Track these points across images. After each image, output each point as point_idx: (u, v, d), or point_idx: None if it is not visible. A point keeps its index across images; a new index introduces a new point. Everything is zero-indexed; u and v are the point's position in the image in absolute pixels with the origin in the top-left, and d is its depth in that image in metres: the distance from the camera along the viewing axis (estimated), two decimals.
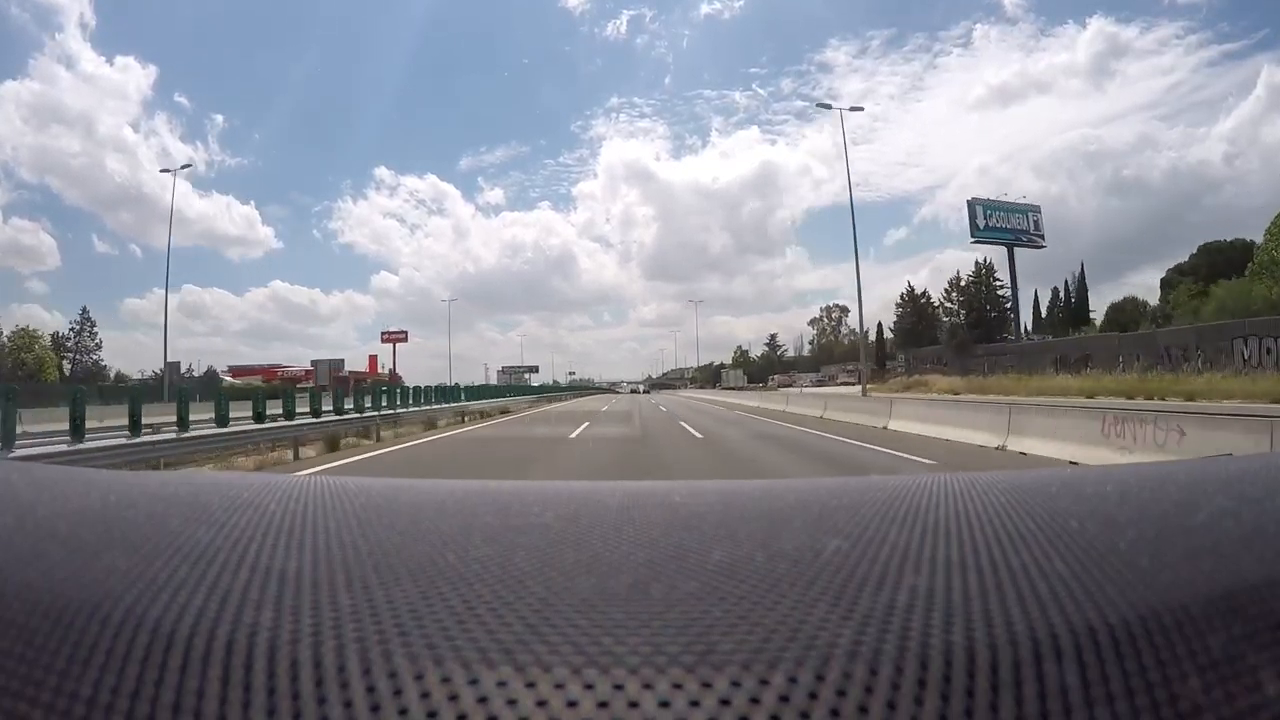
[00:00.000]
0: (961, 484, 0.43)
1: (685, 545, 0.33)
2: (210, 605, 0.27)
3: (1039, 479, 0.46)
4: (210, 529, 0.34)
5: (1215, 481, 0.46)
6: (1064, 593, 0.27)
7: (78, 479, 0.49)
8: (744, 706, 0.22)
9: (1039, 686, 0.23)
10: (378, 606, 0.27)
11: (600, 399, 46.99)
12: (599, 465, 8.45)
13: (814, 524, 0.36)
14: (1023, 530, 0.33)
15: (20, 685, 0.24)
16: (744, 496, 0.44)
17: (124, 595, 0.27)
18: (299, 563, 0.31)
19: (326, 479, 0.48)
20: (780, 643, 0.24)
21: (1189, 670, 0.24)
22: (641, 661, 0.24)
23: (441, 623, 0.26)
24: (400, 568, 0.30)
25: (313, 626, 0.25)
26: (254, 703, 0.23)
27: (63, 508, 0.41)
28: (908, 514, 0.37)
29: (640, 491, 0.46)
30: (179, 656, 0.24)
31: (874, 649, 0.24)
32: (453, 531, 0.36)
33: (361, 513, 0.38)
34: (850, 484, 0.48)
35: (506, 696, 0.23)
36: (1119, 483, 0.46)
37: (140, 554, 0.32)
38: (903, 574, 0.29)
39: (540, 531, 0.36)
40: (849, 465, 8.37)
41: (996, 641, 0.24)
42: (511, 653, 0.24)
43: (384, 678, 0.23)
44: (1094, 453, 7.21)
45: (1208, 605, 0.26)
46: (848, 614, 0.26)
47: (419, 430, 14.42)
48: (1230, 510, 0.37)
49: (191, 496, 0.44)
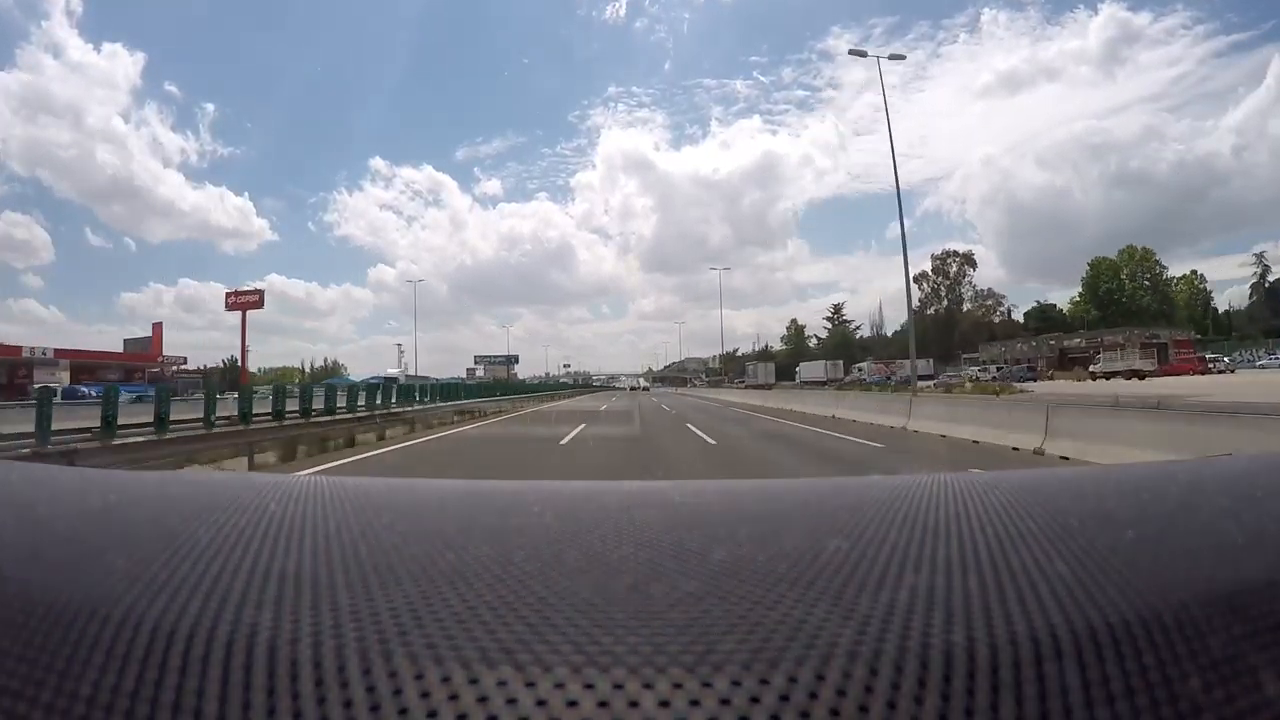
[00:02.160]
0: (961, 484, 0.43)
1: (685, 545, 0.33)
2: (210, 605, 0.27)
3: (1039, 479, 0.46)
4: (210, 529, 0.34)
5: (1216, 481, 0.46)
6: (1064, 593, 0.27)
7: (78, 479, 0.49)
8: (744, 706, 0.22)
9: (1039, 686, 0.23)
10: (377, 606, 0.27)
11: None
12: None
13: (814, 524, 0.36)
14: (1023, 530, 0.33)
15: (20, 685, 0.24)
16: (744, 496, 0.44)
17: (124, 595, 0.27)
18: (299, 563, 0.31)
19: (326, 479, 0.48)
20: (780, 643, 0.24)
21: (1189, 670, 0.24)
22: (641, 661, 0.24)
23: (441, 623, 0.26)
24: (400, 568, 0.30)
25: (313, 626, 0.25)
26: (254, 703, 0.23)
27: (63, 508, 0.41)
28: (908, 514, 0.37)
29: (640, 491, 0.46)
30: (179, 656, 0.24)
31: (874, 649, 0.24)
32: (453, 531, 0.36)
33: (361, 513, 0.38)
34: (850, 484, 0.48)
35: (506, 696, 0.23)
36: (1119, 482, 0.46)
37: (140, 554, 0.32)
38: (903, 574, 0.29)
39: (540, 531, 0.36)
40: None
41: (997, 641, 0.24)
42: (511, 653, 0.24)
43: (384, 678, 0.23)
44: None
45: (1208, 605, 0.26)
46: (848, 614, 0.26)
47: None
48: (1231, 510, 0.37)
49: (191, 496, 0.44)
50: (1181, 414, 7.73)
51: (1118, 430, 7.92)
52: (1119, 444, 7.48)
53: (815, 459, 9.02)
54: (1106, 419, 8.50)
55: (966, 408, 11.51)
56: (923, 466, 8.88)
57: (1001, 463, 9.26)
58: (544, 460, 8.91)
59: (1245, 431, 6.31)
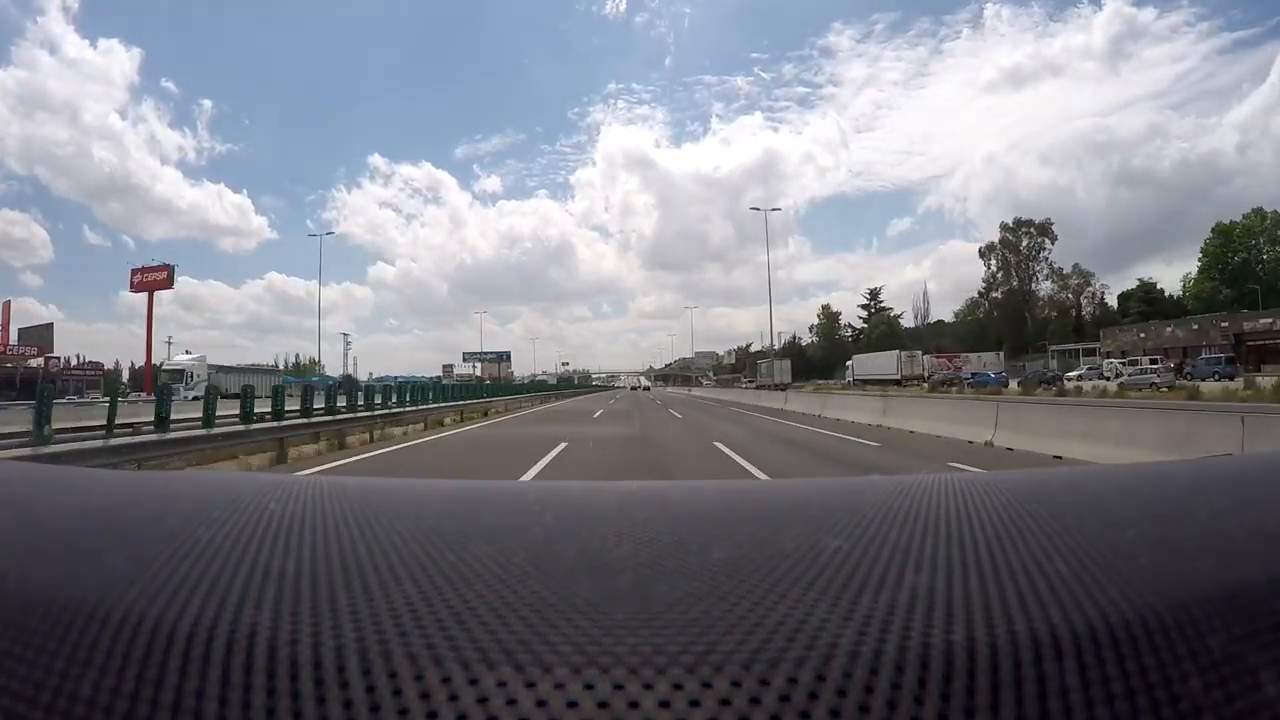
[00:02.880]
0: (962, 484, 0.43)
1: (685, 545, 0.33)
2: (210, 605, 0.27)
3: (1039, 479, 0.46)
4: (210, 529, 0.34)
5: (1216, 481, 0.46)
6: (1064, 593, 0.27)
7: (78, 479, 0.49)
8: (744, 706, 0.22)
9: (1039, 686, 0.23)
10: (377, 606, 0.27)
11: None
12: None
13: (814, 524, 0.36)
14: (1023, 530, 0.33)
15: (20, 685, 0.24)
16: (744, 496, 0.44)
17: (124, 595, 0.27)
18: (299, 563, 0.31)
19: (326, 479, 0.48)
20: (780, 643, 0.24)
21: (1189, 670, 0.24)
22: (641, 661, 0.24)
23: (441, 623, 0.26)
24: (400, 568, 0.30)
25: (312, 626, 0.25)
26: (254, 703, 0.23)
27: (63, 508, 0.41)
28: (908, 514, 0.37)
29: (640, 491, 0.46)
30: (179, 656, 0.24)
31: (874, 649, 0.24)
32: (453, 531, 0.36)
33: (361, 513, 0.38)
34: (850, 484, 0.48)
35: (506, 696, 0.23)
36: (1119, 482, 0.46)
37: (140, 554, 0.32)
38: (903, 574, 0.29)
39: (540, 531, 0.36)
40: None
41: (997, 641, 0.24)
42: (511, 653, 0.24)
43: (384, 678, 0.23)
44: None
45: (1208, 605, 0.26)
46: (848, 614, 0.26)
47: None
48: (1230, 510, 0.37)
49: (191, 496, 0.44)
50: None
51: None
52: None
53: None
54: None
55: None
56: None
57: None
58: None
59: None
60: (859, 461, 9.10)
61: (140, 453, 6.81)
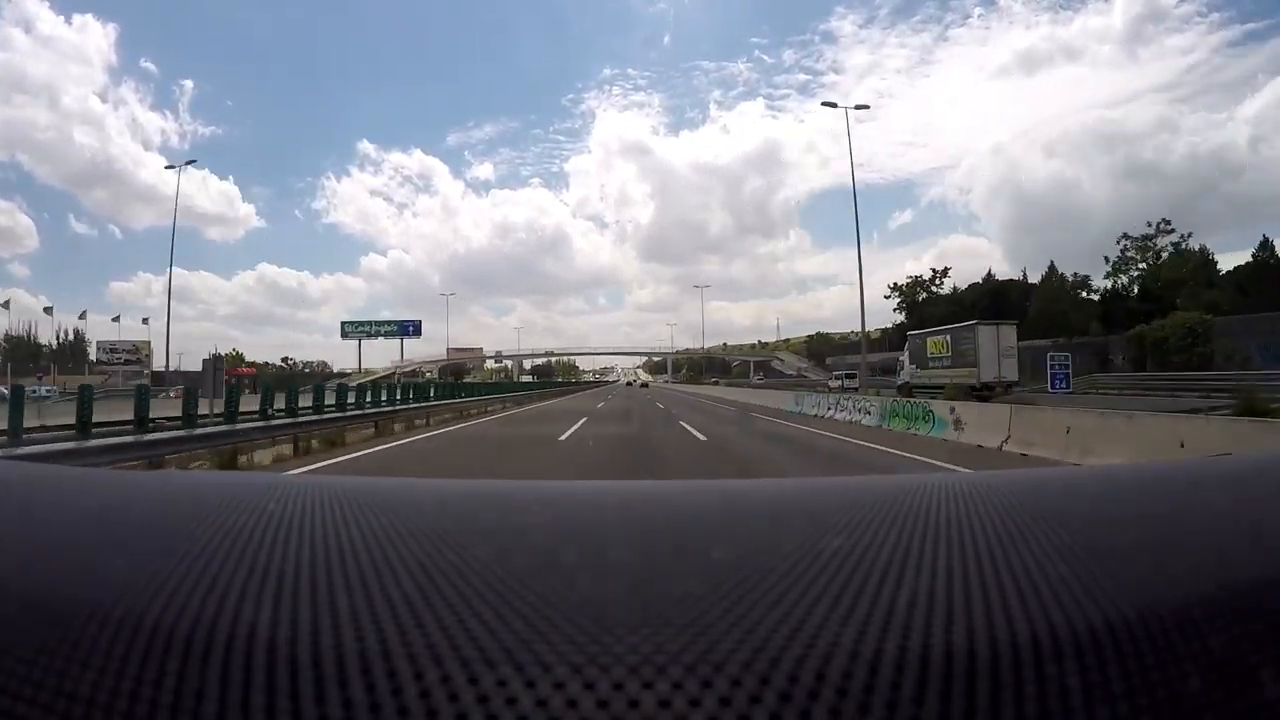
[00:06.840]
0: (962, 484, 0.43)
1: (685, 545, 0.33)
2: (210, 605, 0.27)
3: (1039, 479, 0.46)
4: (210, 529, 0.34)
5: (1215, 481, 0.46)
6: (1064, 593, 0.27)
7: (78, 479, 0.49)
8: (744, 706, 0.22)
9: (1039, 687, 0.23)
10: (377, 606, 0.27)
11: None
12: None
13: (814, 524, 0.36)
14: (1023, 530, 0.33)
15: (20, 685, 0.24)
16: (744, 496, 0.44)
17: (124, 595, 0.27)
18: (298, 563, 0.31)
19: (326, 479, 0.48)
20: (780, 643, 0.24)
21: (1189, 670, 0.24)
22: (641, 661, 0.24)
23: (442, 623, 0.26)
24: (400, 568, 0.30)
25: (312, 626, 0.25)
26: (253, 703, 0.23)
27: (63, 508, 0.41)
28: (908, 514, 0.37)
29: (640, 491, 0.46)
30: (178, 656, 0.24)
31: (874, 649, 0.24)
32: (452, 531, 0.35)
33: (361, 513, 0.38)
34: (850, 484, 0.48)
35: (506, 696, 0.22)
36: (1119, 483, 0.46)
37: (140, 554, 0.32)
38: (903, 574, 0.29)
39: (540, 531, 0.36)
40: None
41: (997, 641, 0.24)
42: (511, 653, 0.24)
43: (384, 678, 0.23)
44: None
45: (1208, 605, 0.26)
46: (848, 614, 0.26)
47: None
48: (1230, 510, 0.37)
49: (191, 496, 0.44)
50: None
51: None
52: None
53: None
54: None
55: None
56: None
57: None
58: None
59: None
60: None
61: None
